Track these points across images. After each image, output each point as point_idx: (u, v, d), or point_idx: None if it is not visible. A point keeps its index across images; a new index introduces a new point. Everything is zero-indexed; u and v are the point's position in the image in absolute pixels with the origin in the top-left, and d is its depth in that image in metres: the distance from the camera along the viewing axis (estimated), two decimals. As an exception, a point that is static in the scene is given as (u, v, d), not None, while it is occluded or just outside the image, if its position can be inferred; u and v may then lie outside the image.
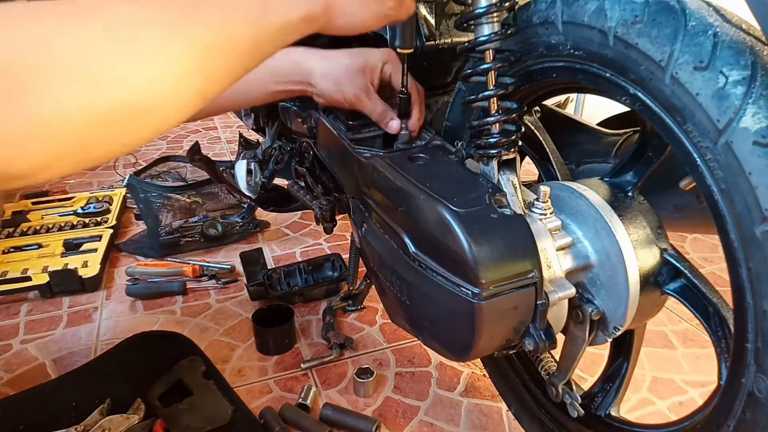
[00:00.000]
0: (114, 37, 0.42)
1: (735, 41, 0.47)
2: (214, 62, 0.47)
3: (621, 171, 0.69)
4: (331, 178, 0.97)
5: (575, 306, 0.65)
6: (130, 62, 0.42)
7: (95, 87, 0.41)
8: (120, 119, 0.43)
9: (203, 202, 1.88)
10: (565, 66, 0.62)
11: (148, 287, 1.41)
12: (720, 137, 0.47)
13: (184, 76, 0.45)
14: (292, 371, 1.13)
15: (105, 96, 0.42)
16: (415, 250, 0.63)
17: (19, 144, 0.40)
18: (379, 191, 0.70)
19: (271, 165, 1.26)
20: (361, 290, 1.34)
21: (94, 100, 0.41)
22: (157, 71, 0.43)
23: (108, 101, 0.42)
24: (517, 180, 0.64)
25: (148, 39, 0.43)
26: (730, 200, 0.48)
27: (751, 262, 0.48)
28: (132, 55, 0.42)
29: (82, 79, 0.41)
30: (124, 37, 0.42)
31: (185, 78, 0.45)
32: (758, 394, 0.50)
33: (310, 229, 1.78)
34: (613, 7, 0.54)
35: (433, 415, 1.02)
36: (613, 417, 0.74)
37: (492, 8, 0.60)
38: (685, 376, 1.12)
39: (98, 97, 0.42)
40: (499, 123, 0.63)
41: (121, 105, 0.42)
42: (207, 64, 0.46)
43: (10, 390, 1.06)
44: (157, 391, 0.99)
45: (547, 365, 0.81)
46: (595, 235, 0.63)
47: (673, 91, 0.50)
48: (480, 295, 0.56)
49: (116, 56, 0.41)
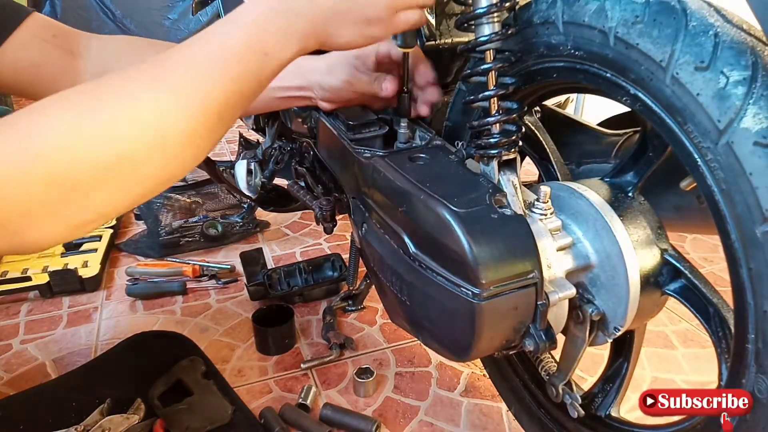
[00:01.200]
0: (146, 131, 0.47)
1: (736, 41, 0.47)
2: (225, 114, 0.52)
3: (621, 171, 0.68)
4: (331, 178, 0.97)
5: (575, 306, 0.65)
6: (165, 155, 0.48)
7: (134, 182, 0.48)
8: (153, 192, 0.51)
9: (203, 202, 1.88)
10: (566, 66, 0.62)
11: (148, 287, 1.41)
12: (721, 138, 0.47)
13: (199, 137, 0.51)
14: (292, 371, 1.13)
15: (144, 187, 0.49)
16: (415, 251, 0.63)
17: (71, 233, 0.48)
18: (380, 191, 0.70)
19: (271, 165, 1.26)
20: (361, 290, 1.34)
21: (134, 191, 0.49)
22: (185, 148, 0.50)
23: (149, 189, 0.50)
24: (517, 180, 0.64)
25: (175, 130, 0.48)
26: (730, 201, 0.48)
27: (751, 262, 0.48)
28: (163, 145, 0.48)
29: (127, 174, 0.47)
30: (153, 129, 0.47)
31: (200, 138, 0.51)
32: (758, 394, 0.50)
33: (310, 229, 1.78)
34: (613, 8, 0.54)
35: (433, 415, 1.02)
36: (614, 417, 0.74)
37: (492, 8, 0.60)
38: (685, 376, 1.12)
39: (137, 188, 0.49)
40: (499, 123, 0.63)
41: (157, 186, 0.50)
42: (219, 117, 0.52)
43: (10, 390, 1.06)
44: (157, 391, 0.99)
45: (547, 365, 0.81)
46: (596, 236, 0.63)
47: (673, 91, 0.50)
48: (480, 296, 0.55)
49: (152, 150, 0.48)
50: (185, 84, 0.48)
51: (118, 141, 0.45)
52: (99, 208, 0.47)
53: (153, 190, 0.51)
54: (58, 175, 0.44)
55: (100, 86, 0.47)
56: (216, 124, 0.51)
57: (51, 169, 0.43)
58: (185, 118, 0.48)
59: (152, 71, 0.49)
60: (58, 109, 0.45)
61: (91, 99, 0.46)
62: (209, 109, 0.50)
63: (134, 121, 0.46)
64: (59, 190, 0.44)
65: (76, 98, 0.46)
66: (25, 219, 0.44)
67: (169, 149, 0.48)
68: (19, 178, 0.42)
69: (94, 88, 0.47)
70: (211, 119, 0.50)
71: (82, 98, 0.46)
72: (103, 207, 0.48)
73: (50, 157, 0.43)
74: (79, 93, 0.47)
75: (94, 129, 0.45)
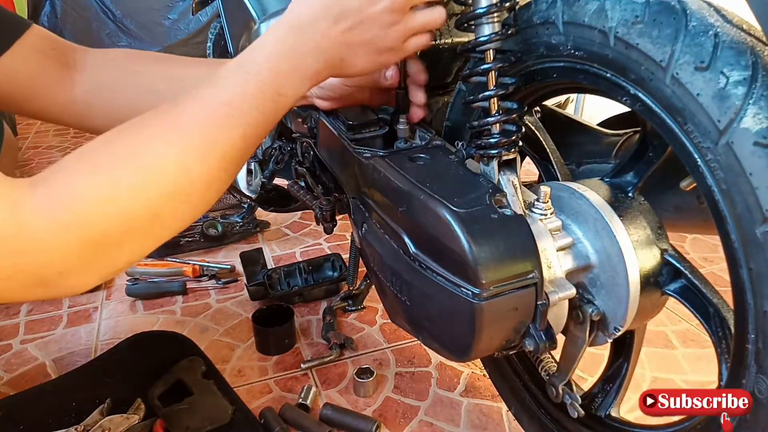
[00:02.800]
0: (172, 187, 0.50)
1: (736, 42, 0.47)
2: (245, 155, 0.55)
3: (621, 171, 0.68)
4: (332, 178, 0.97)
5: (575, 306, 0.65)
6: (190, 204, 0.51)
7: (161, 231, 0.52)
8: (179, 231, 0.54)
9: (203, 202, 1.88)
10: (566, 66, 0.62)
11: (148, 287, 1.41)
12: (721, 138, 0.47)
13: (220, 181, 0.53)
14: (292, 371, 1.13)
15: (170, 232, 0.52)
16: (415, 251, 0.63)
17: (101, 280, 0.51)
18: (380, 191, 0.70)
19: (271, 165, 1.26)
20: (361, 290, 1.34)
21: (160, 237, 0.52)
22: (208, 193, 0.52)
23: (175, 232, 0.53)
24: (517, 180, 0.64)
25: (199, 181, 0.51)
26: (730, 201, 0.48)
27: (751, 262, 0.48)
28: (187, 196, 0.51)
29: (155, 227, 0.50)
30: (179, 184, 0.50)
31: (221, 181, 0.54)
32: (759, 395, 0.50)
33: (310, 229, 1.78)
34: (613, 8, 0.54)
35: (433, 415, 1.02)
36: (614, 417, 0.74)
37: (492, 8, 0.60)
38: (685, 376, 1.12)
39: (164, 233, 0.52)
40: (499, 123, 0.63)
41: (182, 228, 0.53)
42: (239, 159, 0.54)
43: (10, 390, 1.06)
44: (157, 391, 0.99)
45: (547, 366, 0.81)
46: (596, 236, 0.63)
47: (673, 91, 0.50)
48: (480, 296, 0.55)
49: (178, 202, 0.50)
50: (206, 139, 0.50)
51: (146, 200, 0.48)
52: (129, 257, 0.51)
53: (179, 231, 0.54)
54: (91, 236, 0.46)
55: (122, 145, 0.49)
56: (236, 165, 0.54)
57: (85, 231, 0.46)
58: (208, 169, 0.50)
59: (171, 126, 0.50)
60: (85, 173, 0.47)
61: (116, 160, 0.48)
62: (230, 157, 0.52)
63: (160, 180, 0.48)
64: (93, 248, 0.47)
65: (101, 159, 0.48)
66: (62, 275, 0.47)
67: (194, 198, 0.51)
68: (57, 242, 0.45)
69: (116, 147, 0.49)
70: (232, 164, 0.53)
71: (106, 159, 0.48)
72: (132, 256, 0.51)
73: (84, 221, 0.46)
74: (101, 153, 0.49)
75: (123, 191, 0.47)
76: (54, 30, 3.42)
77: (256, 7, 1.21)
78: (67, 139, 2.72)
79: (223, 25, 1.49)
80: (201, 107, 0.51)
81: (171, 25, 3.75)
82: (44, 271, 0.46)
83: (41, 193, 0.46)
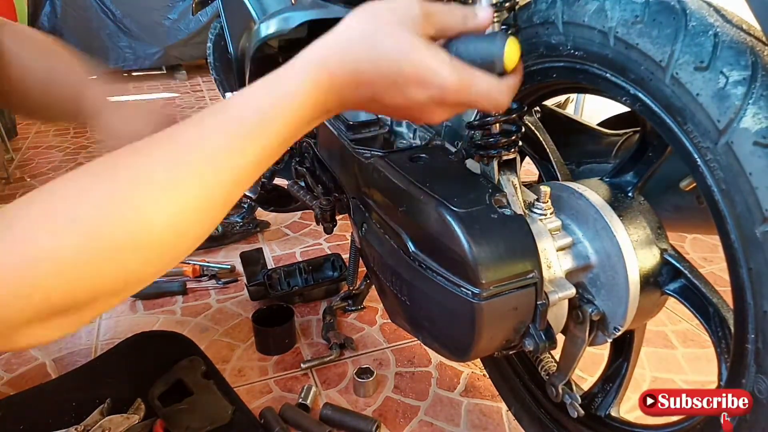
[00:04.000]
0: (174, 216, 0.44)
1: (735, 41, 0.47)
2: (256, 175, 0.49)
3: (621, 171, 0.68)
4: (332, 178, 0.97)
5: (575, 306, 0.65)
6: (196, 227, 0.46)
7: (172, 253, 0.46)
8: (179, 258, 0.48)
9: (203, 202, 1.88)
10: (566, 66, 0.62)
11: (148, 287, 1.41)
12: (720, 138, 0.47)
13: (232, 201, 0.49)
14: (292, 371, 1.13)
15: (186, 250, 0.47)
16: (415, 250, 0.63)
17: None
18: (380, 191, 0.70)
19: (271, 165, 1.26)
20: (361, 290, 1.34)
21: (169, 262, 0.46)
22: (221, 214, 0.48)
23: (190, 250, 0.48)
24: (517, 180, 0.64)
25: (206, 212, 0.46)
26: (730, 201, 0.48)
27: (751, 262, 0.48)
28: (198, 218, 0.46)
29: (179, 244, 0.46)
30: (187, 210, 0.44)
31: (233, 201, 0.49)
32: (758, 395, 0.50)
33: (310, 229, 1.78)
34: (613, 8, 0.54)
35: (433, 415, 1.02)
36: (613, 417, 0.74)
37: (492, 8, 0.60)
38: (685, 376, 1.12)
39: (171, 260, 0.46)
40: (499, 123, 0.63)
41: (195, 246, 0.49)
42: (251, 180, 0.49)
43: (10, 390, 1.06)
44: (157, 391, 0.99)
45: (547, 365, 0.81)
46: (595, 236, 0.63)
47: (673, 91, 0.50)
48: (480, 296, 0.56)
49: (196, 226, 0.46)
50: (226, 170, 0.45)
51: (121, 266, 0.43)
52: (92, 315, 0.45)
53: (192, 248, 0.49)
54: (52, 301, 0.40)
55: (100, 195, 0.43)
56: (249, 184, 0.50)
57: (45, 294, 0.40)
58: (226, 194, 0.47)
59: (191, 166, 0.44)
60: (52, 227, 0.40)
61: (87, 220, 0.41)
62: (244, 180, 0.48)
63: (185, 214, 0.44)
64: (54, 312, 0.41)
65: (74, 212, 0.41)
66: (14, 330, 0.41)
67: (209, 222, 0.48)
68: (14, 297, 0.39)
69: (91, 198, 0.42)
70: (245, 185, 0.49)
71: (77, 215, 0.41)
72: (96, 314, 0.45)
73: (44, 284, 0.40)
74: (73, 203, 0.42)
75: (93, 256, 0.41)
76: (54, 30, 3.43)
77: (256, 7, 1.21)
78: (67, 139, 2.72)
79: (223, 25, 1.49)
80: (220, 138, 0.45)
81: (171, 25, 3.75)
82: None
83: (2, 238, 0.39)
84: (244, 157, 0.46)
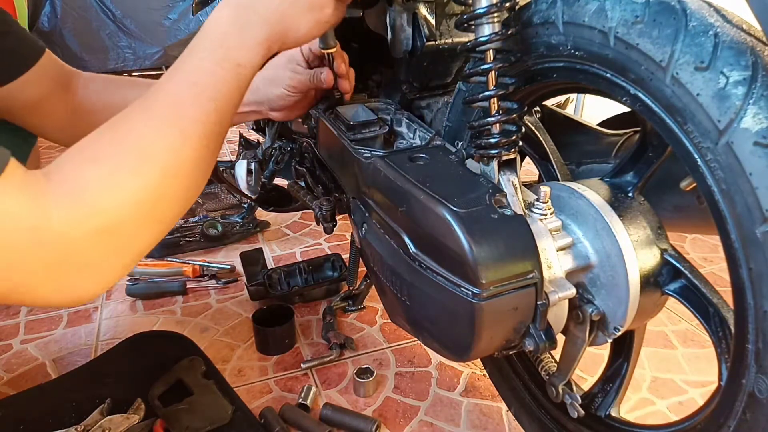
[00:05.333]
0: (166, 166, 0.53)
1: (736, 42, 0.47)
2: (222, 126, 0.59)
3: (621, 171, 0.68)
4: (332, 178, 0.97)
5: (575, 306, 0.65)
6: (183, 180, 0.54)
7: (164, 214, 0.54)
8: (179, 215, 0.57)
9: (203, 202, 1.88)
10: (566, 66, 0.62)
11: (148, 287, 1.41)
12: (721, 138, 0.47)
13: (204, 161, 0.56)
14: (292, 371, 1.13)
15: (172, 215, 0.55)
16: (415, 251, 0.63)
17: (116, 278, 0.53)
18: (380, 191, 0.70)
19: (271, 165, 1.26)
20: (361, 290, 1.34)
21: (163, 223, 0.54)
22: (197, 169, 0.55)
23: (176, 215, 0.56)
24: (517, 180, 0.64)
25: (186, 158, 0.54)
26: (730, 201, 0.48)
27: (751, 262, 0.48)
28: (179, 173, 0.53)
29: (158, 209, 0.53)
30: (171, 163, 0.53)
31: (206, 162, 0.57)
32: (759, 395, 0.50)
33: (310, 229, 1.78)
34: (613, 8, 0.54)
35: (433, 415, 1.02)
36: (613, 417, 0.74)
37: (492, 8, 0.60)
38: (685, 376, 1.12)
39: (166, 217, 0.54)
40: (499, 123, 0.63)
41: (182, 208, 0.56)
42: (218, 134, 0.58)
43: (10, 390, 1.06)
44: (157, 391, 0.99)
45: (547, 365, 0.81)
46: (596, 236, 0.63)
47: (673, 91, 0.50)
48: (480, 296, 0.55)
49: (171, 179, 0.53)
50: (184, 119, 0.54)
51: (148, 182, 0.51)
52: (140, 246, 0.53)
53: (177, 217, 0.57)
54: (106, 225, 0.48)
55: (116, 134, 0.52)
56: (216, 141, 0.58)
57: (99, 220, 0.48)
58: (192, 148, 0.54)
59: (152, 114, 0.54)
60: (90, 163, 0.49)
61: (114, 148, 0.51)
62: (209, 132, 0.56)
63: (156, 162, 0.52)
64: (109, 238, 0.49)
65: (101, 148, 0.51)
66: (82, 271, 0.49)
67: (186, 179, 0.55)
68: (75, 233, 0.47)
69: (112, 137, 0.52)
70: (212, 139, 0.57)
71: (105, 148, 0.51)
72: (143, 245, 0.54)
73: (97, 210, 0.48)
74: (100, 143, 0.51)
75: (126, 176, 0.50)
76: (54, 30, 3.43)
77: (256, 7, 1.21)
78: (67, 139, 2.72)
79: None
80: (173, 92, 0.55)
81: (171, 25, 3.75)
82: (65, 265, 0.47)
83: (55, 184, 0.47)
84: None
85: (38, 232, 0.45)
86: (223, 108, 0.57)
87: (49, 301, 0.49)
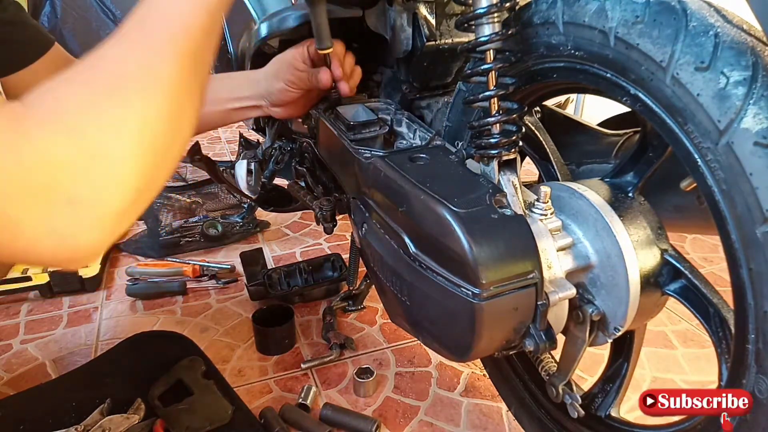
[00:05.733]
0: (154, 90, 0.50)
1: (736, 42, 0.47)
2: (203, 54, 0.55)
3: (621, 171, 0.68)
4: (332, 178, 0.97)
5: (575, 306, 0.65)
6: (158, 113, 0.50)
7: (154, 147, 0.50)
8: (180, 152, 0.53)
9: (203, 202, 1.88)
10: (566, 66, 0.62)
11: (148, 287, 1.41)
12: (721, 138, 0.47)
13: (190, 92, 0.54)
14: (292, 371, 1.13)
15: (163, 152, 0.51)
16: (415, 251, 0.63)
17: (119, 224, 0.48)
18: (380, 191, 0.70)
19: (271, 165, 1.26)
20: (361, 290, 1.34)
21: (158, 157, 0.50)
22: (185, 97, 0.53)
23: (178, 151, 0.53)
24: (517, 180, 0.64)
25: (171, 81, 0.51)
26: (731, 201, 0.48)
27: (752, 262, 0.48)
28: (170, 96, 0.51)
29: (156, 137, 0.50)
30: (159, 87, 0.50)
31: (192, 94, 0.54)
32: (759, 395, 0.50)
33: (310, 229, 1.78)
34: (614, 8, 0.54)
35: (433, 415, 1.02)
36: (614, 417, 0.74)
37: (493, 8, 0.60)
38: (685, 376, 1.12)
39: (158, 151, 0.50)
40: (499, 123, 0.63)
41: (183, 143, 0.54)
42: (200, 60, 0.55)
43: (10, 390, 1.06)
44: (157, 391, 0.99)
45: (547, 366, 0.81)
46: (596, 236, 0.63)
47: (674, 91, 0.50)
48: (480, 296, 0.55)
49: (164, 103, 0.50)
50: (154, 37, 0.52)
51: (124, 102, 0.48)
52: (133, 182, 0.49)
53: (171, 146, 0.53)
54: (92, 148, 0.46)
55: (88, 62, 0.50)
56: (193, 61, 0.54)
57: (85, 142, 0.45)
58: (168, 63, 0.51)
59: (125, 38, 0.52)
60: (71, 87, 0.48)
61: (91, 74, 0.49)
62: (184, 48, 0.53)
63: (130, 81, 0.49)
64: (98, 162, 0.46)
65: (78, 76, 0.49)
66: (74, 206, 0.45)
67: (165, 96, 0.51)
68: (61, 154, 0.44)
69: (87, 65, 0.50)
70: (188, 57, 0.53)
71: (84, 76, 0.49)
72: (135, 179, 0.49)
73: (80, 131, 0.45)
74: (76, 72, 0.49)
75: (103, 99, 0.48)
76: (54, 30, 3.42)
77: (256, 7, 1.21)
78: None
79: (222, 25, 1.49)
80: (141, 17, 0.53)
81: (171, 25, 3.74)
82: (52, 194, 0.44)
83: (34, 108, 0.45)
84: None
85: (19, 152, 0.42)
86: (195, 25, 0.54)
87: (43, 245, 0.45)
